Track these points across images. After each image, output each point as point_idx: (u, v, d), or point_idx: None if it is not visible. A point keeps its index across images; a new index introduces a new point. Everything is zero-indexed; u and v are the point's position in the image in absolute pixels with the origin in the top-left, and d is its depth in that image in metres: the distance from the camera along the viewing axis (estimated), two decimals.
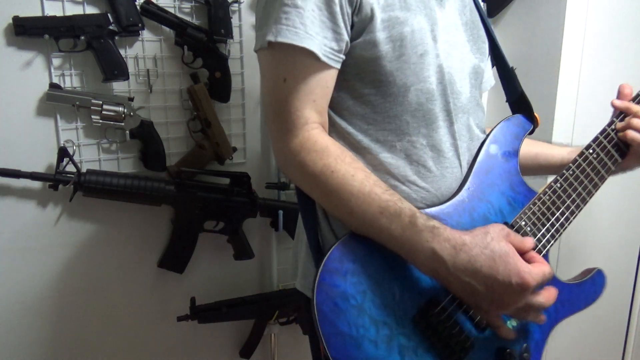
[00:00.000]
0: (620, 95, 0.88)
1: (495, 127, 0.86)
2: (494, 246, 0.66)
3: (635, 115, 0.84)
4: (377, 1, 0.73)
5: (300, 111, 0.72)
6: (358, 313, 0.68)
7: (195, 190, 1.35)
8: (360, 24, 0.73)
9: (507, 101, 0.90)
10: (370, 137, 0.78)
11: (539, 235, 0.78)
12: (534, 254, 0.70)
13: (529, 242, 0.70)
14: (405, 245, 0.68)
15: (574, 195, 0.82)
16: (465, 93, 0.82)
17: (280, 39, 0.69)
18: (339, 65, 0.74)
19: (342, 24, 0.71)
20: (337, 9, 0.70)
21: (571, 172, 0.83)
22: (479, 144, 0.85)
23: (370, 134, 0.78)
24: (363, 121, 0.78)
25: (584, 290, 0.86)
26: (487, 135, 0.85)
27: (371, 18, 0.72)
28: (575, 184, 0.83)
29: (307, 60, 0.70)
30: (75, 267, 1.35)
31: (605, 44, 1.47)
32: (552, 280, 0.76)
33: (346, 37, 0.72)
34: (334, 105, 0.78)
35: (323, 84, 0.73)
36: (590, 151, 0.84)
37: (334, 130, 0.79)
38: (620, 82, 0.90)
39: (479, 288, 0.65)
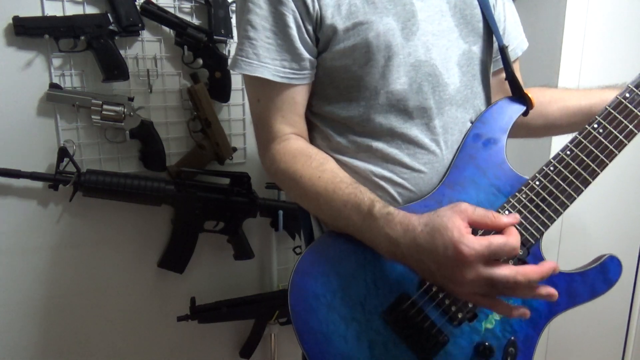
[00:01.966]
0: None
1: (482, 112, 0.83)
2: (435, 222, 0.64)
3: None
4: (339, 12, 0.75)
5: (272, 127, 0.79)
6: (328, 310, 0.73)
7: (195, 190, 1.35)
8: (325, 38, 0.76)
9: (505, 79, 0.86)
10: (347, 140, 0.80)
11: (525, 223, 0.74)
12: (507, 230, 0.64)
13: (504, 217, 0.65)
14: (366, 233, 0.71)
15: (571, 177, 0.74)
16: (453, 84, 0.80)
17: (237, 70, 0.77)
18: (305, 80, 0.79)
19: (299, 44, 0.76)
20: (293, 32, 0.75)
21: (568, 152, 0.75)
22: None
23: (348, 137, 0.80)
24: (340, 125, 0.81)
25: (588, 279, 0.79)
26: (473, 123, 0.82)
27: (334, 31, 0.75)
28: (574, 164, 0.75)
29: (267, 84, 0.77)
30: (75, 267, 1.35)
31: (605, 43, 1.47)
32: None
33: (307, 55, 0.77)
34: (315, 111, 0.83)
35: (289, 100, 0.79)
36: (595, 126, 0.75)
37: (317, 133, 0.84)
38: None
39: (431, 266, 0.65)
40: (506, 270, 0.61)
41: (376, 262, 0.74)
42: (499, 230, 0.65)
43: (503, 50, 0.84)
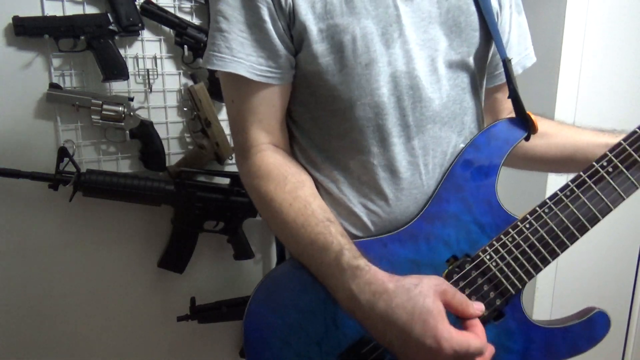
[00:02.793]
0: None
1: (476, 135, 0.74)
2: (418, 301, 0.58)
3: None
4: (313, 10, 0.68)
5: (248, 133, 0.72)
6: (282, 345, 0.68)
7: (195, 190, 1.35)
8: (298, 36, 0.69)
9: (508, 97, 0.77)
10: (324, 155, 0.74)
11: (507, 271, 0.67)
12: (473, 323, 0.60)
13: (474, 307, 0.61)
14: (328, 280, 0.65)
15: (567, 222, 0.65)
16: (439, 99, 0.72)
17: (209, 66, 0.70)
18: (283, 81, 0.71)
19: (276, 40, 0.69)
20: (269, 25, 0.68)
21: (569, 193, 0.66)
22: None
23: (324, 151, 0.74)
24: (318, 137, 0.74)
25: (570, 335, 0.70)
26: (464, 147, 0.73)
27: (305, 30, 0.68)
28: (572, 207, 0.65)
29: (242, 83, 0.70)
30: (75, 267, 1.35)
31: (605, 44, 1.47)
32: (522, 322, 0.70)
33: (284, 52, 0.70)
34: (295, 118, 0.77)
35: (267, 103, 0.72)
36: (604, 163, 0.65)
37: (295, 144, 0.77)
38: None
39: (394, 340, 0.60)
40: None
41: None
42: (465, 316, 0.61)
43: (506, 63, 0.76)
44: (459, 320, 0.61)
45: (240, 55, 0.68)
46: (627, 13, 1.49)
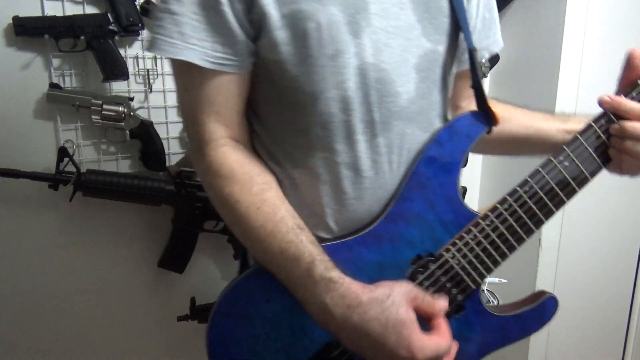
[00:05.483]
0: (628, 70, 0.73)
1: (439, 130, 0.71)
2: (391, 312, 0.59)
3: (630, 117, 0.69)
4: None
5: (205, 125, 0.67)
6: (250, 357, 0.68)
7: (195, 190, 1.35)
8: (257, 22, 0.63)
9: (471, 87, 0.74)
10: (283, 151, 0.70)
11: (469, 268, 0.68)
12: (438, 323, 0.62)
13: (439, 305, 0.62)
14: (300, 291, 0.63)
15: (525, 218, 0.67)
16: (406, 93, 0.68)
17: (156, 52, 0.64)
18: (242, 69, 0.66)
19: (234, 23, 0.62)
20: (226, 7, 0.61)
21: (527, 188, 0.67)
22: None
23: (284, 147, 0.70)
24: (277, 131, 0.70)
25: (521, 320, 0.74)
26: (427, 144, 0.71)
27: (265, 15, 0.62)
28: (531, 202, 0.67)
29: (196, 71, 0.64)
30: (75, 267, 1.35)
31: (605, 44, 1.47)
32: (481, 313, 0.72)
33: (242, 37, 0.63)
34: (256, 111, 0.72)
35: (224, 92, 0.66)
36: (561, 158, 0.68)
37: (256, 138, 0.73)
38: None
39: (367, 350, 0.60)
40: None
41: None
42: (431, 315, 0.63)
43: (472, 53, 0.72)
44: (424, 319, 0.62)
45: (193, 41, 0.62)
46: (627, 13, 1.49)
